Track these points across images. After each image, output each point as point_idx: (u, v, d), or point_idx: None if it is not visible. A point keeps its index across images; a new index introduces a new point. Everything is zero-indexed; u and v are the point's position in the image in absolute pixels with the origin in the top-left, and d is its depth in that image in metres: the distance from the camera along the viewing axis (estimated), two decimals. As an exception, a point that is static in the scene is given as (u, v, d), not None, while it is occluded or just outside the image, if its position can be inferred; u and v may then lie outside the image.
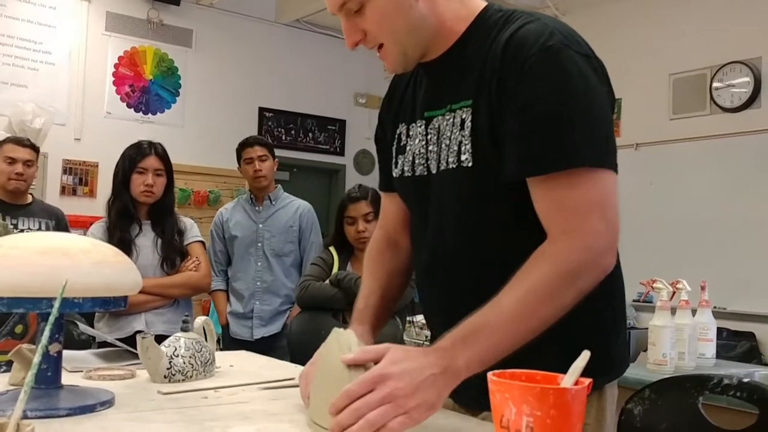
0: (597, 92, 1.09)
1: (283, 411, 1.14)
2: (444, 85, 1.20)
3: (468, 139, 1.13)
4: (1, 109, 5.65)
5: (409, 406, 0.91)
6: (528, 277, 1.02)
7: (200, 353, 1.43)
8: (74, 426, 1.01)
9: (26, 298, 1.04)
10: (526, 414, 0.78)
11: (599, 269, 1.06)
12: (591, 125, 1.06)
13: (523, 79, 1.06)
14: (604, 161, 1.07)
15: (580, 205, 1.05)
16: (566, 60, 1.06)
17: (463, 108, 1.15)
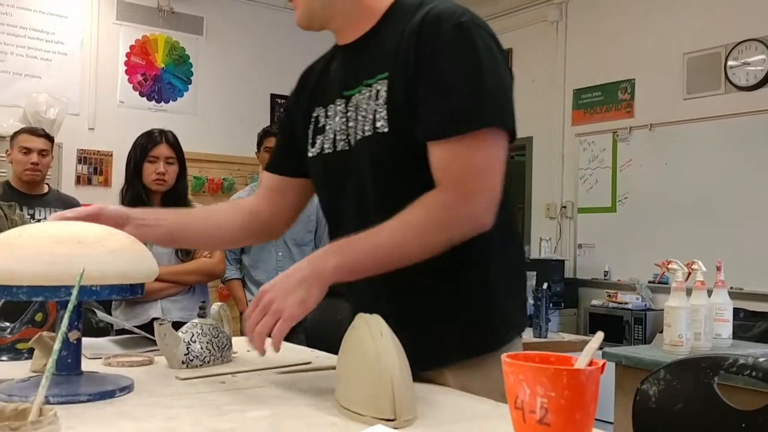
0: (500, 66, 1.19)
1: (299, 395, 1.15)
2: (362, 64, 1.28)
3: (383, 107, 1.21)
4: (16, 100, 5.69)
5: (282, 310, 1.08)
6: (406, 215, 1.13)
7: (217, 339, 1.45)
8: (95, 411, 1.03)
9: (45, 286, 1.05)
10: (540, 395, 0.79)
11: (471, 225, 1.15)
12: (489, 95, 1.16)
13: (438, 51, 1.16)
14: (493, 124, 1.16)
15: (466, 169, 1.14)
16: (476, 36, 1.17)
17: (378, 81, 1.22)
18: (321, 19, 1.30)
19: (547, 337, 3.46)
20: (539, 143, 6.50)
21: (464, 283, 1.25)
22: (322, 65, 1.40)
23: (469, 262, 1.23)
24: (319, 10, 1.28)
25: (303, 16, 1.30)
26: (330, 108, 1.32)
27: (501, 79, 1.18)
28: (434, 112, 1.16)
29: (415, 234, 1.13)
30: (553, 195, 6.35)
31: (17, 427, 0.61)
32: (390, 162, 1.21)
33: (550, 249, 6.15)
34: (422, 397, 1.08)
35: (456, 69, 1.15)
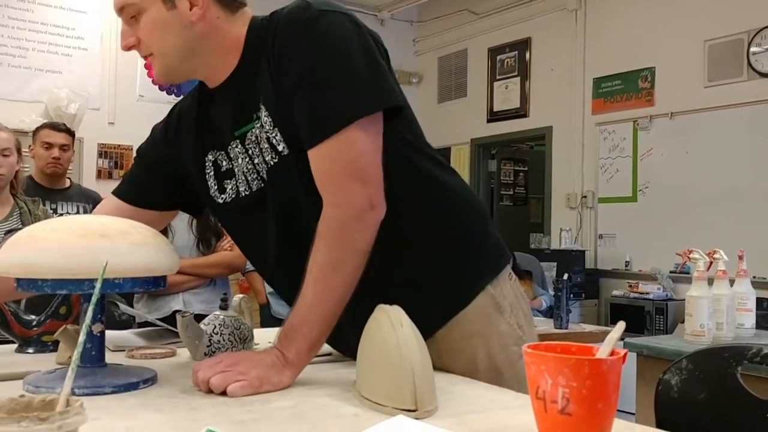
0: (355, 47, 1.13)
1: (320, 385, 1.15)
2: (243, 98, 1.23)
3: (274, 130, 1.18)
4: (37, 96, 5.75)
5: (248, 375, 1.07)
6: (314, 258, 1.13)
7: (239, 330, 1.45)
8: (119, 403, 1.04)
9: (69, 279, 1.07)
10: (561, 385, 0.78)
11: (368, 229, 1.14)
12: (343, 85, 1.12)
13: (289, 58, 1.14)
14: (353, 116, 1.11)
15: (337, 175, 1.13)
16: (322, 25, 1.13)
17: (261, 109, 1.19)
18: (183, 72, 1.25)
19: (567, 328, 3.45)
20: (559, 133, 6.47)
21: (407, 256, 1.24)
22: (197, 110, 1.34)
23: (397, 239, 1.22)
24: (178, 65, 1.23)
25: (161, 74, 1.24)
26: (230, 150, 1.28)
27: (360, 63, 1.13)
28: (302, 121, 1.14)
29: (334, 272, 1.13)
30: (574, 185, 6.31)
31: (45, 418, 0.62)
32: (301, 181, 1.18)
33: (571, 239, 6.12)
34: (442, 388, 1.08)
35: (307, 69, 1.13)
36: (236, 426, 0.91)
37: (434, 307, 1.25)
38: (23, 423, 0.61)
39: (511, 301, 1.30)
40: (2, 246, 1.16)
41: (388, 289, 1.11)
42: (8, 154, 2.73)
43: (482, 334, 1.26)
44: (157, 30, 1.19)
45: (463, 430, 0.85)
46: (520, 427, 0.90)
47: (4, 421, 0.61)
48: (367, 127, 1.13)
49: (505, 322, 1.28)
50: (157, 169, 1.42)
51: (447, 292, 1.27)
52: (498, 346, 1.27)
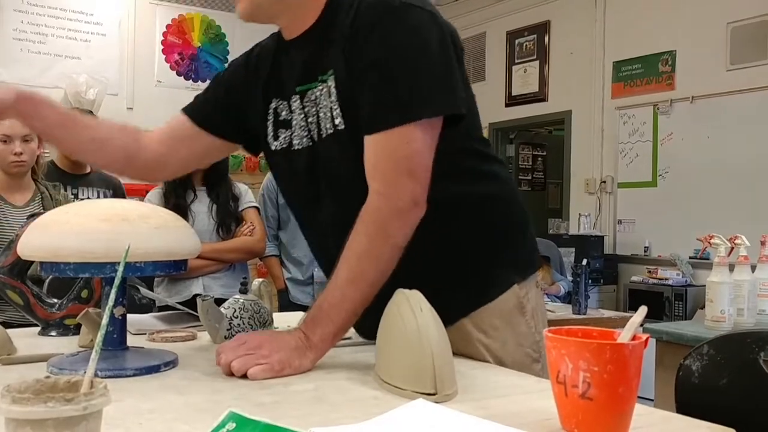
0: (432, 48, 1.15)
1: (340, 368, 1.16)
2: (312, 58, 1.25)
3: (336, 104, 1.20)
4: (57, 81, 5.78)
5: (270, 358, 1.09)
6: (351, 245, 1.14)
7: (259, 314, 1.46)
8: (141, 385, 1.05)
9: (91, 263, 1.08)
10: (582, 369, 0.78)
11: (408, 225, 1.15)
12: (417, 83, 1.14)
13: (366, 44, 1.15)
14: (417, 115, 1.13)
15: (389, 167, 1.14)
16: (407, 19, 1.14)
17: (329, 76, 1.21)
18: (268, 14, 1.26)
19: (586, 313, 3.44)
20: (578, 117, 6.42)
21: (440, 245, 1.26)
22: (273, 54, 1.36)
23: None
24: (267, 6, 1.24)
25: (246, 11, 1.25)
26: (292, 102, 1.29)
27: (430, 65, 1.15)
28: (367, 105, 1.15)
29: (368, 262, 1.14)
30: (593, 170, 6.27)
31: (71, 399, 0.62)
32: (354, 157, 1.19)
33: (590, 225, 6.09)
34: (462, 372, 1.08)
35: (381, 57, 1.14)
36: (257, 408, 0.92)
37: (459, 296, 1.26)
38: (49, 404, 0.62)
39: (533, 305, 1.31)
40: (26, 229, 1.17)
41: (416, 273, 1.12)
42: (29, 140, 2.75)
43: (501, 329, 1.27)
44: None
45: (483, 414, 0.85)
46: (540, 412, 0.90)
47: (30, 402, 0.62)
48: (427, 128, 1.15)
49: (525, 324, 1.29)
50: (231, 96, 1.42)
51: (474, 284, 1.27)
52: (513, 344, 1.27)
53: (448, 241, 1.26)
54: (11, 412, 0.62)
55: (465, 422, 0.80)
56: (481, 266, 1.28)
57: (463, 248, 1.27)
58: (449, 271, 1.26)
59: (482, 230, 1.29)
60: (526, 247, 1.37)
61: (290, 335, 1.15)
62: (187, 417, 0.89)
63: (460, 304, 1.26)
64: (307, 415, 0.90)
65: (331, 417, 0.89)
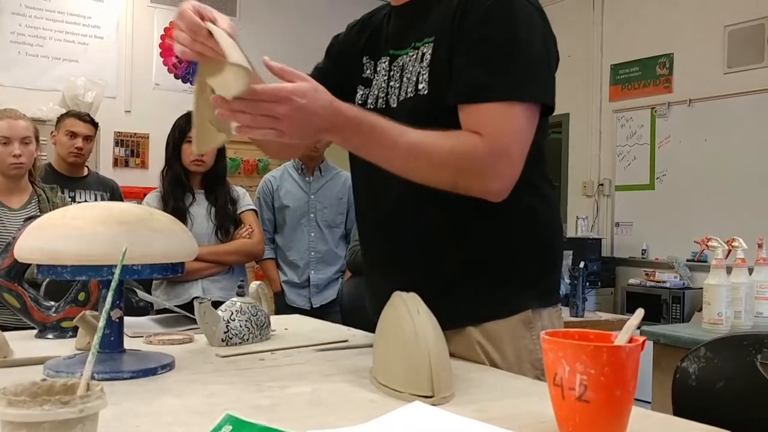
0: (538, 39, 1.19)
1: (337, 371, 1.16)
2: (411, 26, 1.29)
3: (426, 69, 1.22)
4: (55, 84, 5.78)
5: (284, 131, 1.02)
6: (433, 141, 1.12)
7: (256, 317, 1.46)
8: (138, 388, 1.05)
9: (88, 266, 1.08)
10: (579, 372, 0.78)
11: (480, 182, 1.15)
12: (523, 66, 1.16)
13: (478, 21, 1.17)
14: (524, 98, 1.16)
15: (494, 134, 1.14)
16: (518, 7, 1.17)
17: (426, 44, 1.24)
18: None
19: (584, 316, 3.44)
20: (576, 120, 6.43)
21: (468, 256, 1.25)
22: (382, 18, 1.40)
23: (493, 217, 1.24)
24: None
25: None
26: (379, 63, 1.34)
27: (536, 53, 1.18)
28: (471, 78, 1.16)
29: (429, 164, 1.13)
30: (590, 172, 6.27)
31: (67, 401, 0.62)
32: (426, 124, 1.18)
33: (587, 227, 6.09)
34: (459, 375, 1.08)
35: (491, 39, 1.16)
36: (254, 411, 0.92)
37: (473, 306, 1.25)
38: (45, 406, 0.62)
39: (544, 325, 1.28)
40: (23, 232, 1.17)
41: (443, 270, 1.15)
42: (28, 143, 2.75)
43: (503, 341, 1.25)
44: None
45: (481, 416, 0.85)
46: (537, 414, 0.90)
47: (27, 405, 0.62)
48: (529, 113, 1.17)
49: (530, 339, 1.26)
50: (338, 61, 1.45)
51: (493, 299, 1.26)
52: (514, 357, 1.25)
53: (486, 246, 1.25)
54: (7, 415, 0.62)
55: (462, 425, 0.80)
56: (506, 281, 1.26)
57: (497, 258, 1.26)
58: (475, 277, 1.25)
59: (524, 244, 1.27)
60: (553, 277, 1.35)
61: (322, 117, 1.05)
62: (184, 420, 0.89)
63: (473, 313, 1.25)
64: (304, 417, 0.90)
65: (329, 420, 0.89)
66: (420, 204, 1.24)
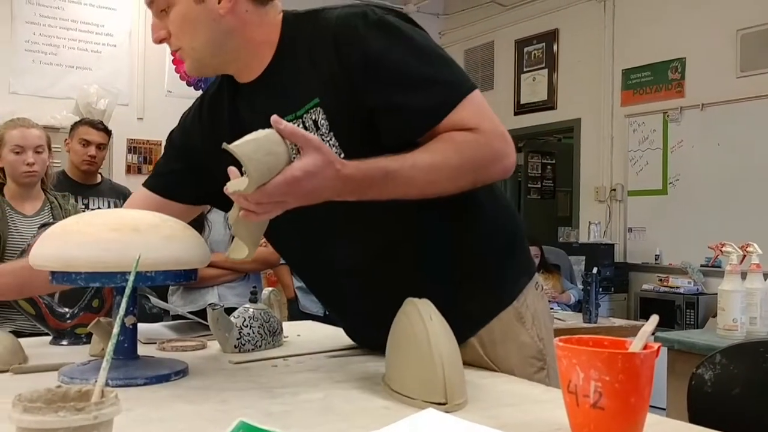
0: (430, 40, 1.18)
1: (349, 378, 1.16)
2: (277, 98, 1.20)
3: (329, 134, 1.15)
4: (68, 92, 5.82)
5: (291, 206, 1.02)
6: (438, 155, 1.08)
7: (268, 323, 1.47)
8: (151, 394, 1.05)
9: (102, 272, 1.08)
10: (594, 379, 0.78)
11: (499, 166, 1.14)
12: (451, 67, 1.16)
13: (371, 55, 1.11)
14: (470, 87, 1.14)
15: (482, 117, 1.13)
16: (393, 24, 1.14)
17: (309, 110, 1.16)
18: (213, 66, 1.25)
19: (597, 322, 3.42)
20: (587, 125, 6.41)
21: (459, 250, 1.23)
22: (227, 104, 1.30)
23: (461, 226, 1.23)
24: (209, 59, 1.22)
25: (191, 68, 1.24)
26: None
27: (440, 50, 1.18)
28: (418, 106, 1.12)
29: (447, 177, 1.10)
30: (602, 178, 6.25)
31: (82, 408, 0.63)
32: None
33: (600, 233, 6.07)
34: (471, 382, 1.08)
35: (407, 61, 1.12)
36: (266, 418, 0.92)
37: (466, 314, 1.22)
38: (60, 413, 0.62)
39: (533, 312, 1.28)
40: (37, 240, 1.17)
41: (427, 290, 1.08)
42: (41, 151, 2.77)
43: (502, 343, 1.25)
44: (187, 24, 1.19)
45: (494, 423, 0.85)
46: (551, 422, 0.89)
47: (42, 411, 0.62)
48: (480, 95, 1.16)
49: (527, 333, 1.26)
50: (186, 160, 1.38)
51: (470, 310, 1.24)
52: (517, 356, 1.25)
53: (462, 253, 1.24)
54: (23, 421, 0.62)
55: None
56: (488, 280, 1.26)
57: (474, 260, 1.25)
58: (458, 289, 1.23)
59: (492, 240, 1.27)
60: (523, 257, 1.35)
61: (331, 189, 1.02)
62: (197, 426, 0.89)
63: (465, 324, 1.22)
64: (316, 424, 0.90)
65: (341, 427, 0.89)
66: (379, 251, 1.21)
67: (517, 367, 1.23)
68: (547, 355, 1.25)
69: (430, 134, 1.12)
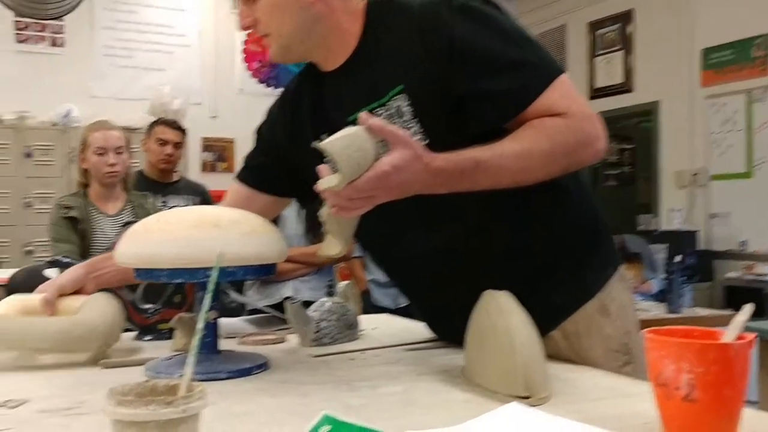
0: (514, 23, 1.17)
1: (428, 371, 1.15)
2: (361, 86, 1.20)
3: (413, 120, 1.14)
4: (143, 94, 5.99)
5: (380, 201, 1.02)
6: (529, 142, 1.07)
7: (345, 317, 1.47)
8: (234, 388, 1.07)
9: (184, 269, 1.10)
10: (685, 371, 0.75)
11: (591, 150, 1.13)
12: (538, 50, 1.16)
13: (458, 40, 1.11)
14: (557, 71, 1.14)
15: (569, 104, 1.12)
16: (477, 8, 1.14)
17: (393, 97, 1.15)
18: (299, 53, 1.25)
19: (681, 312, 3.31)
20: (666, 108, 6.21)
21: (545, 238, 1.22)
22: (311, 93, 1.31)
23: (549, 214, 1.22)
24: (296, 46, 1.23)
25: (277, 54, 1.24)
26: None
27: (528, 34, 1.17)
28: (506, 90, 1.11)
29: (540, 164, 1.09)
30: (683, 162, 6.05)
31: (171, 402, 0.64)
32: None
33: (681, 220, 5.88)
34: (555, 375, 1.05)
35: (494, 45, 1.12)
36: (347, 411, 0.92)
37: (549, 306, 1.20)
38: (151, 406, 0.63)
39: (618, 304, 1.24)
40: (121, 238, 1.21)
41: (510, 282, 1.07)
42: (121, 152, 2.87)
43: (585, 336, 1.22)
44: (276, 10, 1.20)
45: (580, 418, 0.83)
46: (640, 415, 0.86)
47: (133, 404, 0.64)
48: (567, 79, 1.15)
49: (612, 326, 1.23)
50: (273, 153, 1.40)
51: (554, 301, 1.21)
52: (601, 350, 1.22)
53: (547, 240, 1.21)
54: (116, 414, 0.64)
55: (563, 427, 0.77)
56: (569, 271, 1.23)
57: (559, 249, 1.23)
58: (541, 280, 1.21)
59: (577, 228, 1.24)
60: (608, 246, 1.31)
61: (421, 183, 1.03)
62: (280, 419, 0.90)
63: (549, 317, 1.20)
64: (396, 417, 0.90)
65: (423, 420, 0.88)
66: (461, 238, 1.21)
67: (601, 361, 1.20)
68: (633, 349, 1.22)
69: (518, 120, 1.11)
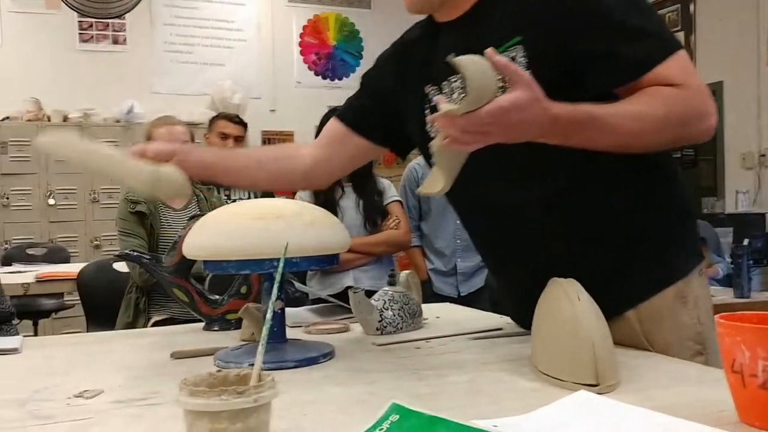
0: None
1: (494, 360, 1.15)
2: (479, 36, 1.18)
3: (525, 70, 1.10)
4: (204, 89, 6.11)
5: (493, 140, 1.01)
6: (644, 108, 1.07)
7: (408, 306, 1.48)
8: (302, 376, 1.09)
9: (251, 260, 1.12)
10: (762, 358, 0.73)
11: (704, 125, 1.11)
12: (657, 19, 1.17)
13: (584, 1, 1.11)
14: (676, 45, 1.13)
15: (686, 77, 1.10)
16: None
17: (509, 48, 1.14)
18: (432, 4, 1.26)
19: (750, 297, 3.22)
20: (731, 87, 6.01)
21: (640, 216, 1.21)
22: (427, 42, 1.32)
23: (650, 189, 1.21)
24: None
25: (413, 3, 1.26)
26: (450, 85, 1.25)
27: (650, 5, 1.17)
28: (630, 55, 1.10)
29: (653, 128, 1.08)
30: (750, 143, 5.85)
31: (242, 391, 0.65)
32: None
33: (748, 202, 5.70)
34: (624, 362, 1.04)
35: (621, 8, 1.11)
36: (414, 399, 0.92)
37: (628, 285, 1.20)
38: (223, 396, 0.65)
39: (696, 295, 1.23)
40: (188, 231, 1.24)
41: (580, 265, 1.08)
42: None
43: (660, 321, 1.20)
44: None
45: (650, 405, 0.81)
46: (713, 403, 0.84)
47: (206, 394, 0.65)
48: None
49: (687, 314, 1.21)
50: (377, 98, 1.44)
51: (635, 280, 1.20)
52: (674, 336, 1.20)
53: (635, 216, 1.21)
54: (189, 404, 0.66)
55: (634, 414, 0.76)
56: (654, 252, 1.22)
57: (647, 228, 1.21)
58: (625, 256, 1.20)
59: (667, 209, 1.23)
60: (694, 236, 1.30)
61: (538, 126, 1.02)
62: (348, 408, 0.91)
63: (629, 295, 1.20)
64: (464, 406, 0.90)
65: (491, 408, 0.88)
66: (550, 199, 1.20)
67: (672, 348, 1.17)
68: (707, 340, 1.19)
69: (634, 87, 1.11)
